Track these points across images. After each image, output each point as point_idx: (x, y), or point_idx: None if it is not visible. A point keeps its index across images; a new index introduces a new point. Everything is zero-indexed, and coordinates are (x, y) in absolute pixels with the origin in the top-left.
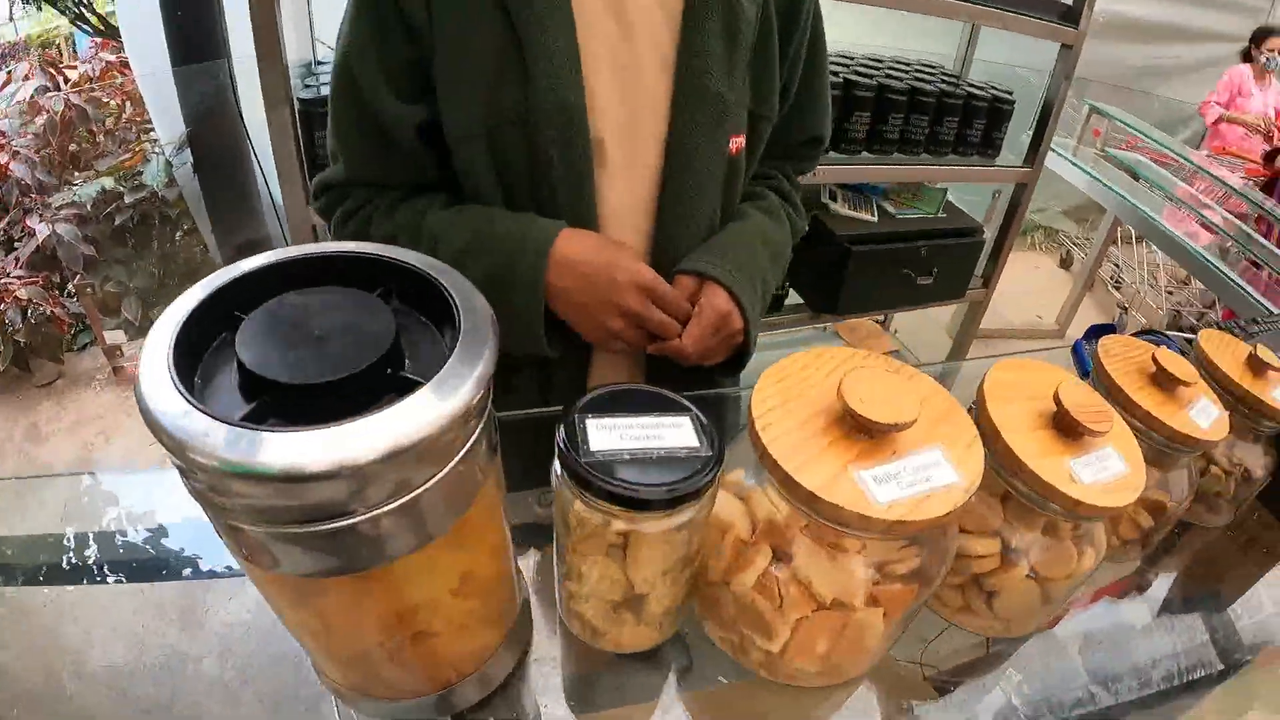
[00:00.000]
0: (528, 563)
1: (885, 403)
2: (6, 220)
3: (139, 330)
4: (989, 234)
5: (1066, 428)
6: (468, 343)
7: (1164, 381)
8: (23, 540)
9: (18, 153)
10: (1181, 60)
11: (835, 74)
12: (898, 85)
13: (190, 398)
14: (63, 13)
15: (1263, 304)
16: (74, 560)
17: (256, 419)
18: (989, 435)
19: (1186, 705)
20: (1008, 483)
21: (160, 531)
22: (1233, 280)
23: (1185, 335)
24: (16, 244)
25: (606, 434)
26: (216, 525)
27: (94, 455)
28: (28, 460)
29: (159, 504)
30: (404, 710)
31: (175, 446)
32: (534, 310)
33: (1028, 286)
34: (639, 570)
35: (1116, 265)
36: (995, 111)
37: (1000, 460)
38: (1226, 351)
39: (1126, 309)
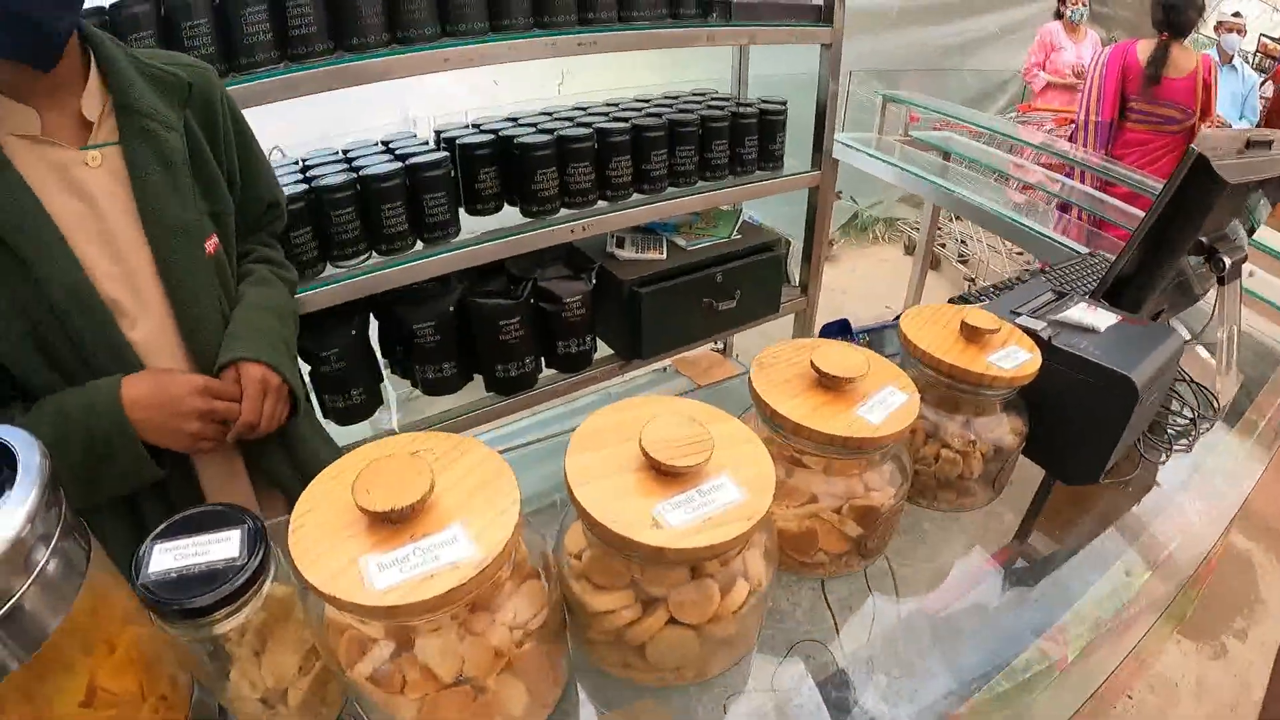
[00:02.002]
0: None
1: (395, 489)
2: None
3: None
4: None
5: (655, 468)
6: (20, 490)
7: (829, 383)
8: None
9: None
10: (986, 30)
11: (587, 125)
12: (654, 123)
13: None
14: None
15: (1071, 248)
16: None
17: None
18: (570, 491)
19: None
20: (597, 537)
21: None
22: (1033, 230)
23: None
24: None
25: (164, 556)
26: None
27: None
28: None
29: None
30: None
31: None
32: (136, 451)
33: (876, 280)
34: (266, 670)
35: (961, 241)
36: (766, 125)
37: (582, 515)
38: (938, 325)
39: (974, 280)
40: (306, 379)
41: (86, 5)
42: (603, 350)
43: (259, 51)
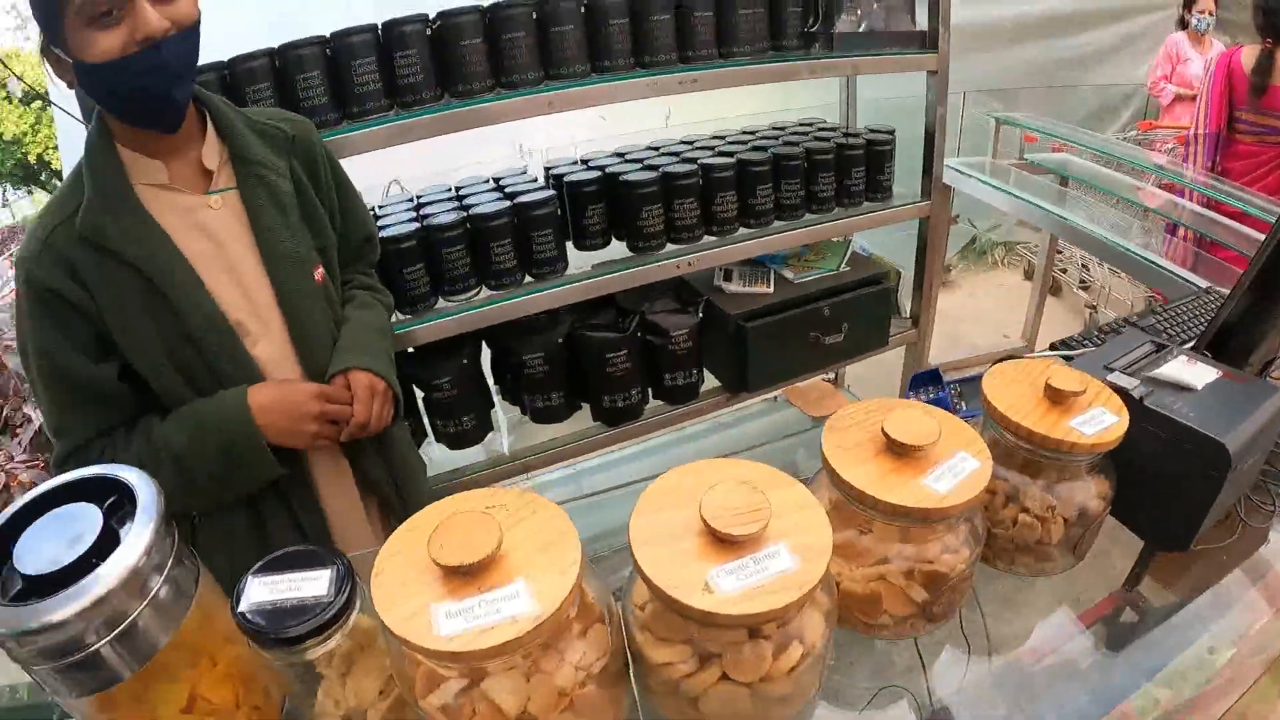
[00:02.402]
0: None
1: (465, 545)
2: (6, 409)
3: None
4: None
5: (712, 534)
6: (138, 527)
7: (899, 449)
8: None
9: (8, 347)
10: (1103, 43)
11: (692, 161)
12: (759, 158)
13: None
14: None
15: (1191, 281)
16: None
17: (19, 598)
18: (632, 551)
19: None
20: (655, 596)
21: None
22: (1149, 261)
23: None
24: (18, 430)
25: (262, 589)
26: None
27: None
28: None
29: None
30: None
31: None
32: (262, 452)
33: (995, 307)
34: (349, 691)
35: (1083, 266)
36: (874, 155)
37: (641, 575)
38: (1023, 384)
39: (1095, 308)
40: (420, 405)
41: (205, 60)
42: (710, 382)
43: (369, 100)
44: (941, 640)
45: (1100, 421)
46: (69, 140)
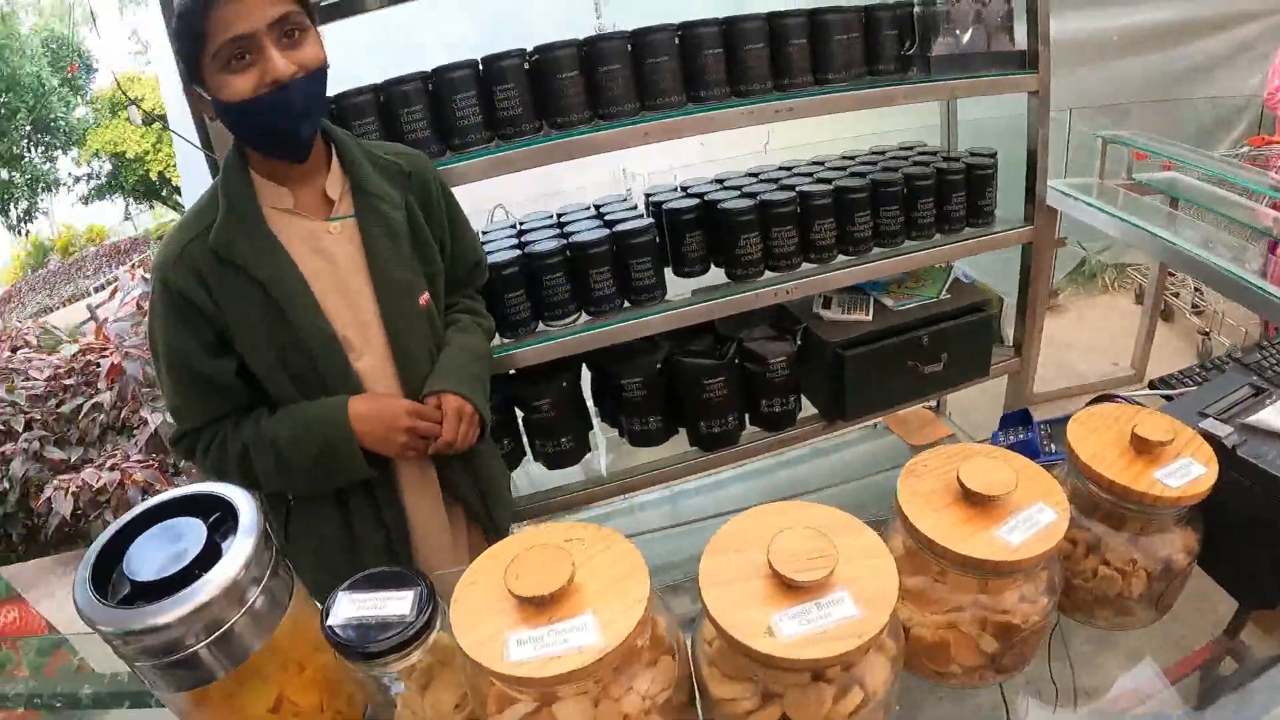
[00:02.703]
0: None
1: (539, 578)
2: (125, 411)
3: None
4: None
5: (778, 578)
6: (240, 542)
7: (974, 498)
8: None
9: (129, 353)
10: (1216, 51)
11: (790, 188)
12: (857, 184)
13: (94, 594)
14: (174, 209)
15: None
16: None
17: (127, 601)
18: (700, 591)
19: None
20: (719, 636)
21: None
22: (1252, 285)
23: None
24: (135, 432)
25: (350, 605)
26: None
27: None
28: None
29: None
30: None
31: (89, 623)
32: (355, 455)
33: (1105, 333)
34: (427, 703)
35: (1196, 289)
36: (974, 180)
37: (707, 615)
38: (1111, 430)
39: (1208, 334)
40: (520, 425)
41: None
42: (808, 408)
43: (470, 133)
44: (1028, 686)
45: (1188, 473)
46: (187, 160)
